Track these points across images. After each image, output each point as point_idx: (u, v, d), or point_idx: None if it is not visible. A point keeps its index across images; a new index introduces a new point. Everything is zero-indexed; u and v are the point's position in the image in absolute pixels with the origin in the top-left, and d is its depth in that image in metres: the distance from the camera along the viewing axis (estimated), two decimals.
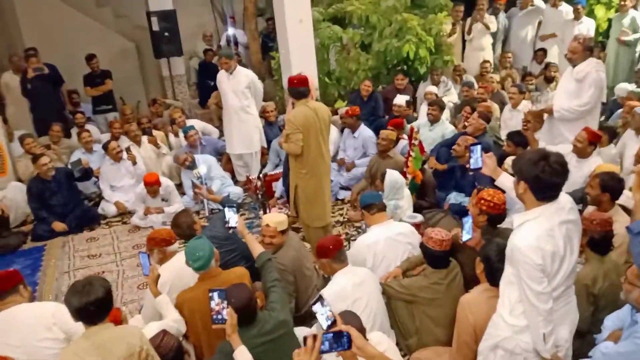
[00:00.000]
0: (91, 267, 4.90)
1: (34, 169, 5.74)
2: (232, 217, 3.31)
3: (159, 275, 3.12)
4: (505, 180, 2.61)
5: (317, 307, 2.13)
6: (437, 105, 6.08)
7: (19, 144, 6.34)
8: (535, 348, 2.25)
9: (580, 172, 4.15)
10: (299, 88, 4.09)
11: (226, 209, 3.33)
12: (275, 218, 3.63)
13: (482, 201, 3.23)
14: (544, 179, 2.08)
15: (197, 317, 2.93)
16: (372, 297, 3.10)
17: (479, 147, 2.75)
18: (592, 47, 4.52)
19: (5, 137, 6.24)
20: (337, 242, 3.15)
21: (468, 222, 3.14)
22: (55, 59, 7.47)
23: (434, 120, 6.04)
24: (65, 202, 5.57)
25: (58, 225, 5.50)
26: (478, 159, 2.71)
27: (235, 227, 3.34)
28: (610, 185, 3.44)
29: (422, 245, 3.18)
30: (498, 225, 3.29)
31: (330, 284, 3.12)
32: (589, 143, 4.24)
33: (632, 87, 6.37)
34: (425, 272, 3.18)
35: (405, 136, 5.84)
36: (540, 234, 2.10)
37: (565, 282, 2.21)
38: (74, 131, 7.03)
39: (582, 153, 4.24)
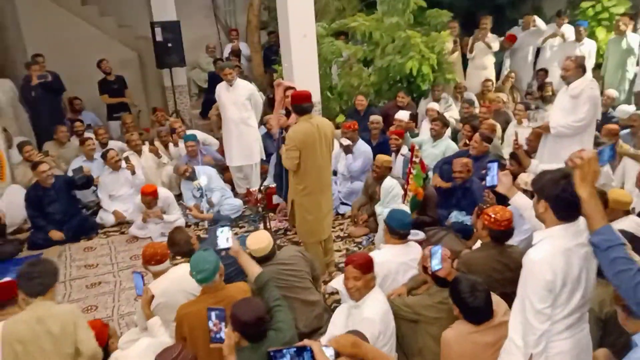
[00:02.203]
0: (88, 277, 4.83)
1: (32, 176, 5.69)
2: (224, 238, 3.04)
3: (152, 297, 3.08)
4: (520, 199, 2.58)
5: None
6: (440, 121, 6.09)
7: (17, 151, 6.31)
8: None
9: None
10: (302, 104, 4.07)
11: (218, 230, 3.07)
12: (255, 245, 3.47)
13: (486, 216, 3.22)
14: (565, 198, 2.06)
15: (199, 334, 2.84)
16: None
17: (495, 164, 2.72)
18: (584, 65, 4.59)
19: (4, 144, 6.20)
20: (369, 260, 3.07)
21: (438, 252, 3.06)
22: (57, 67, 7.48)
23: (436, 136, 6.05)
24: (64, 211, 5.51)
25: (55, 234, 5.44)
26: (494, 177, 2.68)
27: (228, 249, 3.08)
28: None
29: (424, 268, 3.14)
30: (506, 242, 3.26)
31: (374, 307, 2.97)
32: None
33: (632, 108, 6.40)
34: (430, 290, 3.13)
35: (406, 150, 5.85)
36: (556, 251, 2.07)
37: (580, 309, 2.16)
38: (73, 139, 7.02)
39: None
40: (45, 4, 8.11)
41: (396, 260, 3.46)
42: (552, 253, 2.07)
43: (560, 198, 2.07)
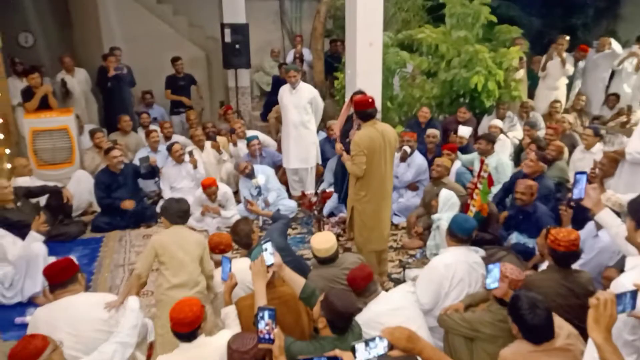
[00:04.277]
0: None
1: (100, 161, 5.95)
2: (268, 253, 2.78)
3: (235, 284, 3.11)
4: (606, 216, 2.46)
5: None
6: (484, 139, 5.97)
7: (87, 137, 6.62)
8: None
9: None
10: (366, 110, 4.05)
11: (265, 245, 2.78)
12: (320, 245, 3.51)
13: (552, 237, 3.09)
14: None
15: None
16: (411, 322, 2.98)
17: (584, 176, 2.61)
18: None
19: (76, 130, 6.52)
20: (368, 275, 3.12)
21: (493, 270, 2.96)
22: (130, 61, 7.82)
23: (483, 153, 5.89)
24: (128, 197, 5.72)
25: (127, 203, 5.62)
26: (582, 190, 2.56)
27: (271, 265, 2.79)
28: None
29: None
30: (572, 266, 3.12)
31: (363, 311, 3.06)
32: None
33: None
34: (491, 307, 3.04)
35: (458, 165, 5.75)
36: None
37: None
38: (139, 130, 7.30)
39: None
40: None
41: (460, 260, 3.41)
42: None
43: None
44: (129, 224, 5.69)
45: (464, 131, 6.43)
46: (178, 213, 3.61)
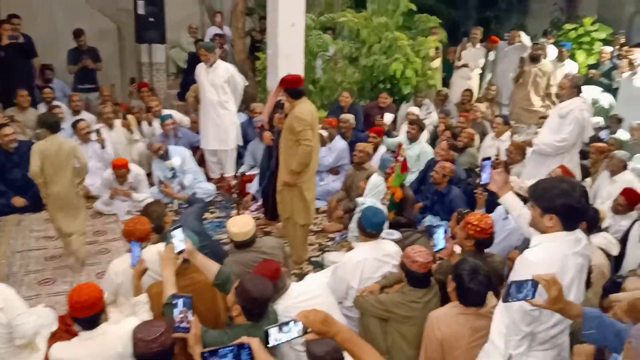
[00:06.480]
0: (47, 249, 4.63)
1: None
2: (177, 240, 2.65)
3: (145, 269, 2.93)
4: (510, 199, 2.56)
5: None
6: (417, 124, 6.12)
7: None
8: None
9: None
10: (297, 87, 4.07)
11: (174, 232, 2.67)
12: (238, 228, 3.35)
13: (470, 225, 3.19)
14: (578, 209, 2.05)
15: None
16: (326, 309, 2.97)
17: (489, 162, 2.70)
18: (580, 86, 4.62)
19: None
20: (275, 270, 2.92)
21: (439, 231, 3.08)
22: (32, 31, 7.15)
23: (412, 138, 6.06)
24: (26, 178, 5.23)
25: (18, 200, 5.21)
26: (488, 175, 2.65)
27: (182, 251, 2.66)
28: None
29: (402, 265, 3.10)
30: (485, 250, 3.26)
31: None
32: None
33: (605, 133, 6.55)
34: (404, 289, 3.10)
35: (384, 149, 5.85)
36: (554, 255, 2.06)
37: (563, 321, 2.15)
38: (41, 106, 6.71)
39: None
40: None
41: (370, 257, 3.42)
42: (549, 256, 2.06)
43: (573, 208, 2.05)
44: (28, 206, 5.23)
45: (387, 118, 6.57)
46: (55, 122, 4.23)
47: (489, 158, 2.78)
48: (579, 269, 2.11)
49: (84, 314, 2.40)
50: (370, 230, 3.47)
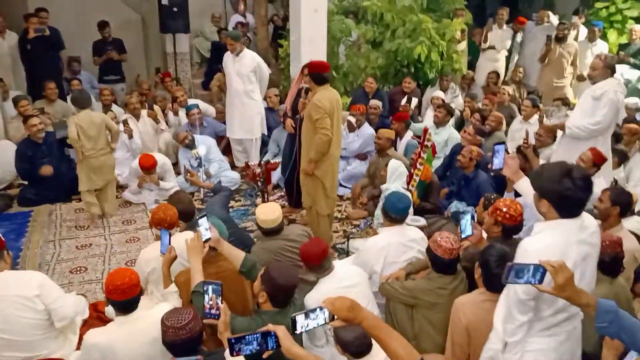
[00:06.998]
0: (78, 238, 4.75)
1: (24, 131, 5.54)
2: (203, 228, 2.67)
3: (175, 257, 2.97)
4: (524, 184, 2.51)
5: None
6: (444, 108, 6.02)
7: (11, 104, 6.12)
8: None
9: None
10: (322, 73, 4.04)
11: (200, 220, 2.70)
12: (266, 215, 3.40)
13: (498, 212, 3.13)
14: (569, 197, 1.98)
15: None
16: (361, 299, 2.97)
17: (502, 147, 2.65)
18: (614, 66, 4.44)
19: None
20: (323, 251, 2.99)
21: (466, 218, 3.02)
22: (59, 24, 7.26)
23: (439, 123, 5.97)
24: (55, 168, 5.36)
25: (46, 169, 5.28)
26: (501, 160, 2.60)
27: (208, 239, 2.68)
28: (620, 199, 3.40)
29: (428, 251, 3.07)
30: (514, 236, 3.20)
31: (313, 291, 3.00)
32: (593, 164, 4.16)
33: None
34: (430, 275, 3.07)
35: (410, 135, 5.79)
36: (553, 244, 2.00)
37: (567, 309, 2.09)
38: (69, 98, 6.83)
39: None
40: None
41: (394, 241, 3.39)
42: (547, 245, 2.00)
43: (563, 196, 1.99)
44: (59, 196, 5.36)
45: (413, 102, 6.49)
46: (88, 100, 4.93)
47: (501, 143, 2.72)
48: (583, 257, 2.05)
49: (121, 297, 2.45)
50: (394, 215, 3.45)
